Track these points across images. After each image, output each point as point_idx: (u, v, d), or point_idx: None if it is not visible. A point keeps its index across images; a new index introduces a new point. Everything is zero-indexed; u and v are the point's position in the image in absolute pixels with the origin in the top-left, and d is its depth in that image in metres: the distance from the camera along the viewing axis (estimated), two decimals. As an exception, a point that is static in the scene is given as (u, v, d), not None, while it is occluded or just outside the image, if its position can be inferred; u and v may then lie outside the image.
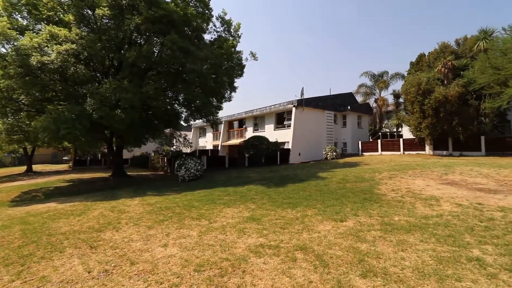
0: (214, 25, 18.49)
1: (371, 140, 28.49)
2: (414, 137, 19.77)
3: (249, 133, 28.57)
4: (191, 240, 4.91)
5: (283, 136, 24.50)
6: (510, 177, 8.18)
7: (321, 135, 25.72)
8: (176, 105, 19.21)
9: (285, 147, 23.90)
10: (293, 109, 23.61)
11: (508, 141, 16.15)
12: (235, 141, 30.38)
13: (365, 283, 3.11)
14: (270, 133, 25.65)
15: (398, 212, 5.79)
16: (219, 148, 32.13)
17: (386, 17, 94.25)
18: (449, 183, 7.93)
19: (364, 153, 23.42)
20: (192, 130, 41.00)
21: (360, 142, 24.72)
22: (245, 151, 22.25)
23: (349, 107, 27.56)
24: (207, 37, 24.42)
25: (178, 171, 15.31)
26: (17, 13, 14.52)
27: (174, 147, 26.23)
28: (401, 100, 27.95)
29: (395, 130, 30.67)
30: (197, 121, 21.99)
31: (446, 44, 21.02)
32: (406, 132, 22.43)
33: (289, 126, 24.27)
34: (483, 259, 3.53)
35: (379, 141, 23.47)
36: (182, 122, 20.87)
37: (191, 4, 15.96)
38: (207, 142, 37.99)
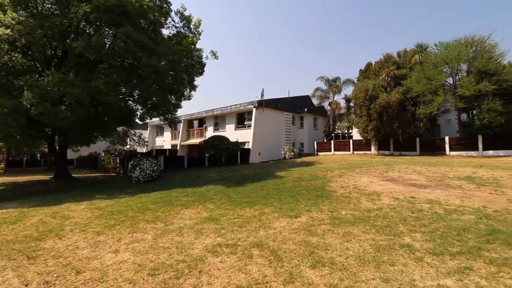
0: (173, 20, 17.86)
1: (325, 140, 30.36)
2: (362, 138, 21.66)
3: (210, 132, 28.20)
4: (145, 244, 4.74)
5: (244, 136, 24.74)
6: (437, 173, 9.53)
7: (280, 135, 26.60)
8: (130, 101, 18.05)
9: (246, 147, 24.17)
10: (254, 109, 23.99)
11: (438, 142, 18.70)
12: (195, 140, 29.69)
13: (314, 273, 3.38)
14: (231, 133, 25.67)
15: (345, 207, 6.35)
16: (178, 148, 31.06)
17: (344, 23, 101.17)
18: (389, 180, 8.93)
19: (319, 153, 24.87)
20: (149, 128, 38.90)
21: (315, 143, 26.16)
22: (205, 151, 21.92)
23: (306, 109, 28.99)
24: (165, 32, 23.49)
25: (132, 172, 14.44)
26: None
27: (128, 146, 24.59)
28: (351, 104, 30.30)
29: (346, 131, 33.17)
30: (153, 119, 20.99)
31: (390, 55, 23.47)
32: (356, 134, 24.46)
33: (249, 126, 24.59)
34: (413, 245, 4.09)
35: (332, 141, 25.17)
36: (137, 120, 19.70)
37: (148, -5, 15.18)
38: (165, 141, 36.42)
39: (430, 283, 3.08)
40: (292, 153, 23.63)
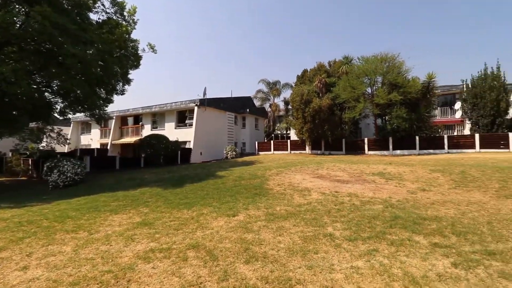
0: (103, 5, 16.01)
1: (265, 140, 31.62)
2: (298, 139, 23.36)
3: (147, 131, 26.30)
4: (63, 256, 4.19)
5: (185, 135, 23.88)
6: (357, 170, 10.97)
7: (222, 135, 26.58)
8: (48, 93, 15.47)
9: (187, 146, 23.37)
10: (196, 108, 23.38)
11: (359, 143, 21.51)
12: (129, 139, 27.26)
13: (247, 268, 3.55)
14: (171, 131, 24.46)
15: (280, 203, 6.79)
16: (108, 147, 28.01)
17: (287, 27, 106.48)
18: (318, 177, 9.89)
19: (260, 153, 25.78)
20: (72, 125, 33.99)
21: (256, 143, 27.01)
22: (141, 150, 20.35)
23: (248, 110, 29.67)
24: (94, 17, 20.87)
25: (49, 175, 12.46)
26: None
27: (44, 144, 20.98)
28: (289, 107, 32.28)
29: (285, 132, 35.21)
30: (78, 114, 18.43)
31: (322, 64, 25.88)
32: (293, 135, 26.20)
33: (191, 125, 23.87)
34: (333, 234, 4.66)
35: (272, 141, 26.42)
36: (56, 115, 17.01)
37: (70, -27, 13.25)
38: (92, 139, 32.37)
39: (345, 265, 3.56)
40: (234, 152, 23.87)
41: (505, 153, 16.11)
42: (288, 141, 25.50)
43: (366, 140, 21.16)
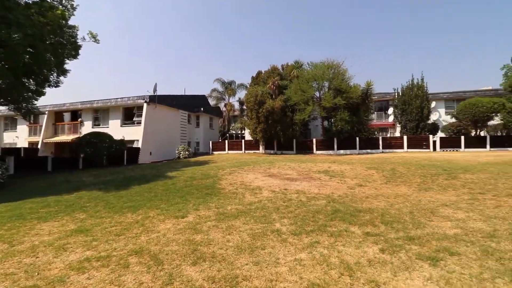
0: (32, -17, 13.94)
1: (220, 140, 31.37)
2: (252, 139, 23.76)
3: (87, 128, 23.79)
4: (-28, 274, 3.55)
5: (132, 133, 22.27)
6: (306, 169, 11.65)
7: (175, 134, 25.52)
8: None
9: (135, 145, 21.82)
10: (145, 105, 21.99)
11: (308, 143, 22.87)
12: (65, 137, 24.29)
13: (194, 270, 3.49)
14: (116, 129, 22.55)
15: (232, 202, 6.83)
16: (39, 146, 24.53)
17: (240, 29, 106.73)
18: (270, 175, 10.22)
19: (214, 152, 25.47)
20: (-10, 120, 28.84)
21: (211, 142, 26.62)
22: (79, 150, 18.27)
23: (202, 109, 29.06)
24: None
25: (-45, 179, 10.37)
26: None
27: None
28: (244, 107, 32.62)
29: (240, 132, 35.43)
30: (0, 107, 15.71)
31: (275, 67, 26.77)
32: (248, 135, 26.53)
33: (139, 123, 22.37)
34: (281, 230, 4.87)
35: (226, 141, 26.34)
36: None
37: None
38: (18, 137, 27.97)
39: (289, 258, 3.76)
40: (187, 152, 23.12)
41: (426, 152, 18.90)
42: (243, 141, 25.73)
43: (314, 140, 22.61)
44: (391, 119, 25.93)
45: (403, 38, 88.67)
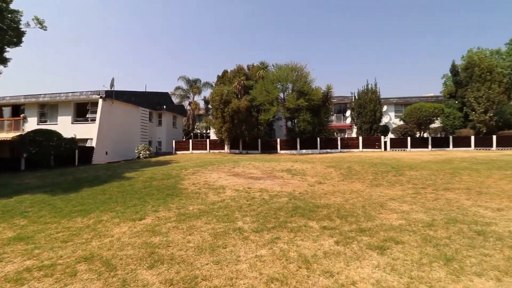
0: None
1: (184, 139, 30.45)
2: (218, 138, 23.50)
3: (32, 125, 21.28)
4: None
5: (86, 131, 20.48)
6: (269, 168, 11.87)
7: (135, 132, 24.10)
8: None
9: (88, 144, 20.09)
10: (100, 100, 20.36)
11: (273, 143, 23.35)
12: (4, 135, 21.35)
13: (151, 273, 3.34)
14: (66, 127, 20.53)
15: (194, 202, 6.68)
16: (-33, 145, 21.20)
17: (204, 29, 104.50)
18: (234, 175, 10.21)
19: (178, 152, 24.63)
20: None
21: (174, 142, 25.68)
22: (21, 149, 16.27)
23: (165, 107, 27.87)
24: None
25: None
26: None
27: None
28: (210, 106, 32.15)
29: (205, 131, 34.78)
30: None
31: (241, 66, 26.83)
32: (213, 134, 26.17)
33: (93, 120, 20.66)
34: (243, 228, 4.89)
35: (190, 141, 25.64)
36: None
37: None
38: None
39: (250, 255, 3.80)
40: (147, 152, 21.97)
41: (379, 152, 20.56)
42: (208, 140, 25.30)
43: (278, 140, 23.17)
44: (348, 121, 27.70)
45: (360, 44, 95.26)
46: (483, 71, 21.73)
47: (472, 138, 20.90)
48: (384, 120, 26.00)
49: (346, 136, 27.68)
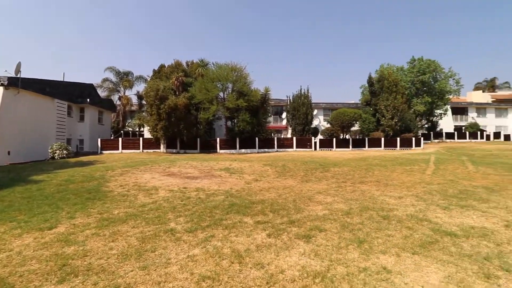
0: None
1: (112, 138, 27.42)
2: (152, 137, 21.93)
3: None
4: None
5: (-24, 126, 16.40)
6: (208, 167, 11.67)
7: (48, 129, 20.46)
8: None
9: (-21, 142, 16.14)
10: (1, 89, 16.59)
11: (212, 142, 23.05)
12: None
13: (60, 288, 2.88)
14: None
15: (120, 205, 6.06)
16: None
17: (138, 23, 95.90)
18: (169, 175, 9.68)
19: (104, 152, 22.00)
20: None
21: (99, 140, 22.82)
22: None
23: (88, 100, 24.51)
24: None
25: None
26: None
27: None
28: (144, 102, 29.76)
29: (138, 129, 32.02)
30: None
31: (179, 62, 25.66)
32: (148, 132, 24.30)
33: (-11, 112, 16.70)
34: (175, 228, 4.66)
35: (120, 139, 23.23)
36: None
37: None
38: None
39: (182, 256, 3.65)
40: (65, 151, 18.92)
41: (310, 151, 22.46)
42: (141, 139, 23.32)
43: (218, 140, 22.99)
44: (284, 122, 29.46)
45: (300, 49, 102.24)
46: (391, 83, 25.98)
47: (382, 139, 24.80)
48: (315, 122, 28.54)
49: (282, 136, 29.33)
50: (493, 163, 12.89)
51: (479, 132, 35.93)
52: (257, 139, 22.79)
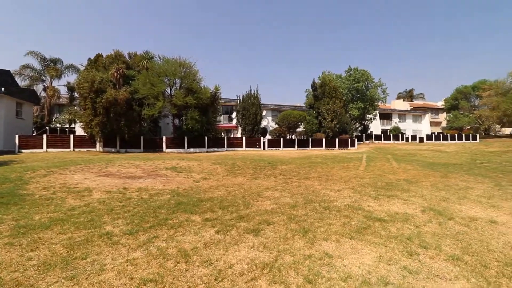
0: None
1: (35, 134, 23.52)
2: (86, 134, 19.51)
3: None
4: None
5: None
6: (152, 166, 10.89)
7: None
8: None
9: None
10: None
11: (158, 141, 21.66)
12: None
13: (-47, 312, 2.29)
14: None
15: (42, 210, 5.18)
16: None
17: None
18: (106, 175, 8.72)
19: (24, 150, 18.69)
20: None
21: (17, 137, 19.31)
22: None
23: (3, 89, 20.47)
24: None
25: None
26: None
27: None
28: (76, 95, 26.30)
29: (68, 125, 28.13)
30: None
31: (120, 53, 23.43)
32: (80, 129, 21.51)
33: None
34: (112, 232, 4.19)
35: (45, 136, 20.03)
36: None
37: None
38: None
39: (120, 261, 3.29)
40: (-34, 150, 15.45)
41: (259, 150, 22.98)
42: (71, 136, 20.49)
43: (164, 138, 21.72)
44: (234, 122, 29.52)
45: (251, 49, 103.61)
46: (331, 89, 28.38)
47: (324, 140, 26.91)
48: (264, 123, 29.35)
49: (232, 136, 29.32)
50: (411, 160, 15.17)
51: (400, 135, 41.82)
52: (206, 138, 22.30)
